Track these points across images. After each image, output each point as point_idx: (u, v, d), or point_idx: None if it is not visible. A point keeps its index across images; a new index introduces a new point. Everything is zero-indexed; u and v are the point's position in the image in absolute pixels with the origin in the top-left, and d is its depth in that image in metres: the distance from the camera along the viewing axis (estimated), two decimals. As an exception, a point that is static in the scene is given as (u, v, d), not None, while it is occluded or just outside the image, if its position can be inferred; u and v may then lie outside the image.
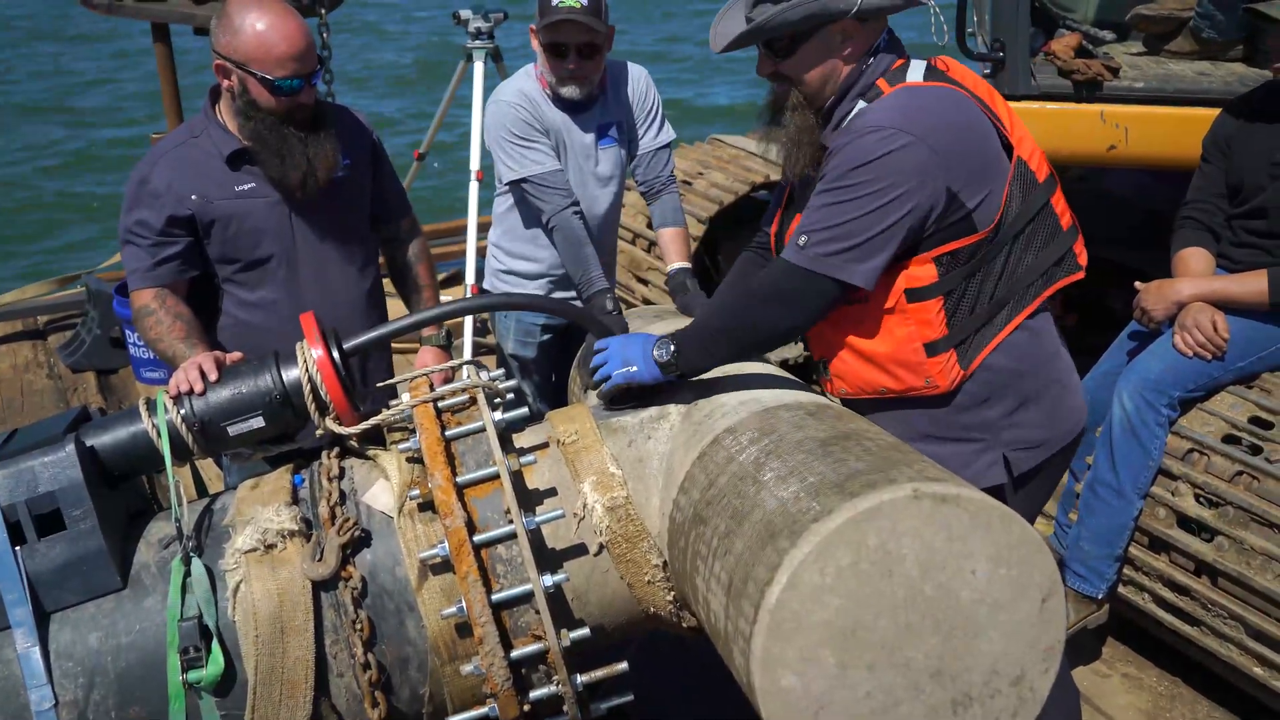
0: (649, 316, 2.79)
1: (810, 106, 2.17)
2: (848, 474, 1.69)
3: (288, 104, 2.46)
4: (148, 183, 2.51)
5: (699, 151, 5.45)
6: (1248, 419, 3.02)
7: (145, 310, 2.52)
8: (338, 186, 2.67)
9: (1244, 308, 2.98)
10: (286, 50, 2.41)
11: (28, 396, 5.12)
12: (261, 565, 1.95)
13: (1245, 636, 2.89)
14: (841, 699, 1.64)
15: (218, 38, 2.46)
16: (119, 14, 4.83)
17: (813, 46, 2.09)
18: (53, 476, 1.93)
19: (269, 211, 2.59)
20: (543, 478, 2.07)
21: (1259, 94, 3.15)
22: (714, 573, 1.77)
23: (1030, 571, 1.68)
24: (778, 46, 2.12)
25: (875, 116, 2.06)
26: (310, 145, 2.51)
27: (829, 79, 2.14)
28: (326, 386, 2.08)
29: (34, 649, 1.89)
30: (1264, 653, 2.86)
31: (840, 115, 2.17)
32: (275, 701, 1.89)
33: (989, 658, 1.69)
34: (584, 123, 3.18)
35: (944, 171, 2.02)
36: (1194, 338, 2.97)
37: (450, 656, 1.97)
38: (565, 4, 2.93)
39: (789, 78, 2.15)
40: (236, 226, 2.55)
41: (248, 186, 2.56)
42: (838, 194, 2.03)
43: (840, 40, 2.09)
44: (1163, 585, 3.07)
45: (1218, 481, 2.94)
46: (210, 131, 2.57)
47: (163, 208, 2.49)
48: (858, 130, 2.05)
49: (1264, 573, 2.80)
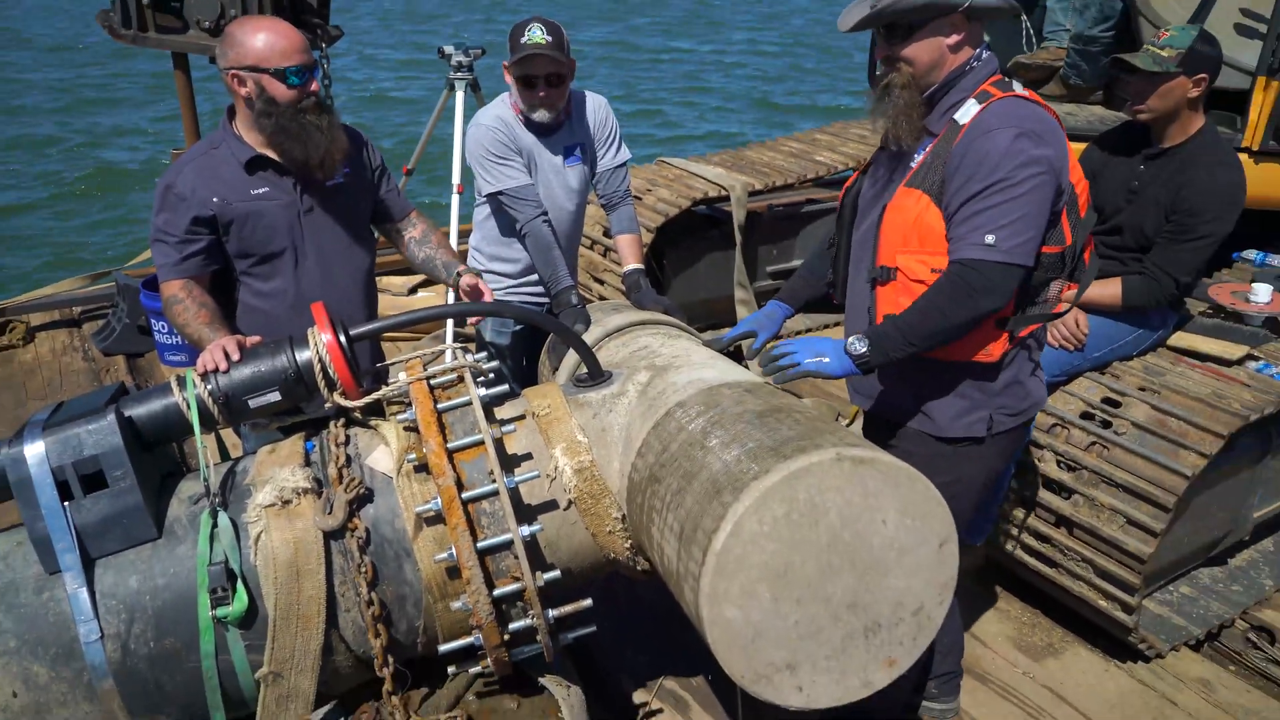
0: (607, 310, 2.79)
1: (916, 88, 2.14)
2: (781, 440, 1.71)
3: (300, 93, 2.43)
4: (174, 188, 2.46)
5: (648, 171, 5.44)
6: (1100, 399, 3.09)
7: (174, 299, 2.47)
8: (339, 190, 2.65)
9: (1101, 309, 3.05)
10: (289, 45, 2.41)
11: (66, 376, 5.01)
12: (279, 518, 1.93)
13: (1093, 575, 2.97)
14: (774, 627, 1.66)
15: (226, 56, 2.43)
16: (143, 44, 4.69)
17: (926, 34, 2.08)
18: (96, 442, 1.89)
19: (280, 212, 2.55)
20: (520, 444, 2.06)
21: (1118, 131, 3.20)
22: (668, 523, 1.78)
23: (931, 522, 1.71)
24: (896, 32, 2.11)
25: (1008, 120, 2.04)
26: (326, 128, 2.49)
27: (936, 66, 2.11)
28: (334, 366, 2.06)
29: (82, 590, 1.86)
30: (1107, 588, 2.95)
31: (946, 106, 2.15)
32: (292, 633, 1.88)
33: (895, 592, 1.72)
34: (552, 144, 3.17)
35: (1062, 177, 2.07)
36: (1060, 333, 3.05)
37: (441, 595, 1.96)
38: (533, 41, 2.92)
39: (903, 59, 2.12)
40: (252, 225, 2.51)
41: (262, 190, 2.52)
42: (1009, 191, 2.01)
43: (949, 32, 2.08)
44: (1029, 535, 3.14)
45: (1076, 450, 3.01)
46: (228, 143, 2.53)
47: (187, 210, 2.44)
48: (991, 129, 2.03)
49: (1110, 524, 2.87)
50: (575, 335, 2.25)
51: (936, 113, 2.17)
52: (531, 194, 3.08)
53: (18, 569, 1.92)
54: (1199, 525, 3.22)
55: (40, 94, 19.01)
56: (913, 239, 2.13)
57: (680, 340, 2.41)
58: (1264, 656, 3.15)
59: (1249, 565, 3.52)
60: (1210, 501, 3.18)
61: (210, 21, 4.44)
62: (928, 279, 2.11)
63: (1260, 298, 3.42)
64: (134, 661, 1.87)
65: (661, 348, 2.30)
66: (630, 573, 2.11)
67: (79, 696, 1.87)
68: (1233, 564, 3.50)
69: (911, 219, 2.12)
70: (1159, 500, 2.81)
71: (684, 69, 22.90)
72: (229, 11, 4.42)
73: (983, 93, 2.12)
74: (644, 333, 2.48)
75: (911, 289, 2.14)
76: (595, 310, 2.79)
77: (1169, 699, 2.98)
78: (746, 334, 2.57)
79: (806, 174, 5.31)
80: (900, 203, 2.14)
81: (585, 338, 2.48)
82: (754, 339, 2.56)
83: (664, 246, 5.04)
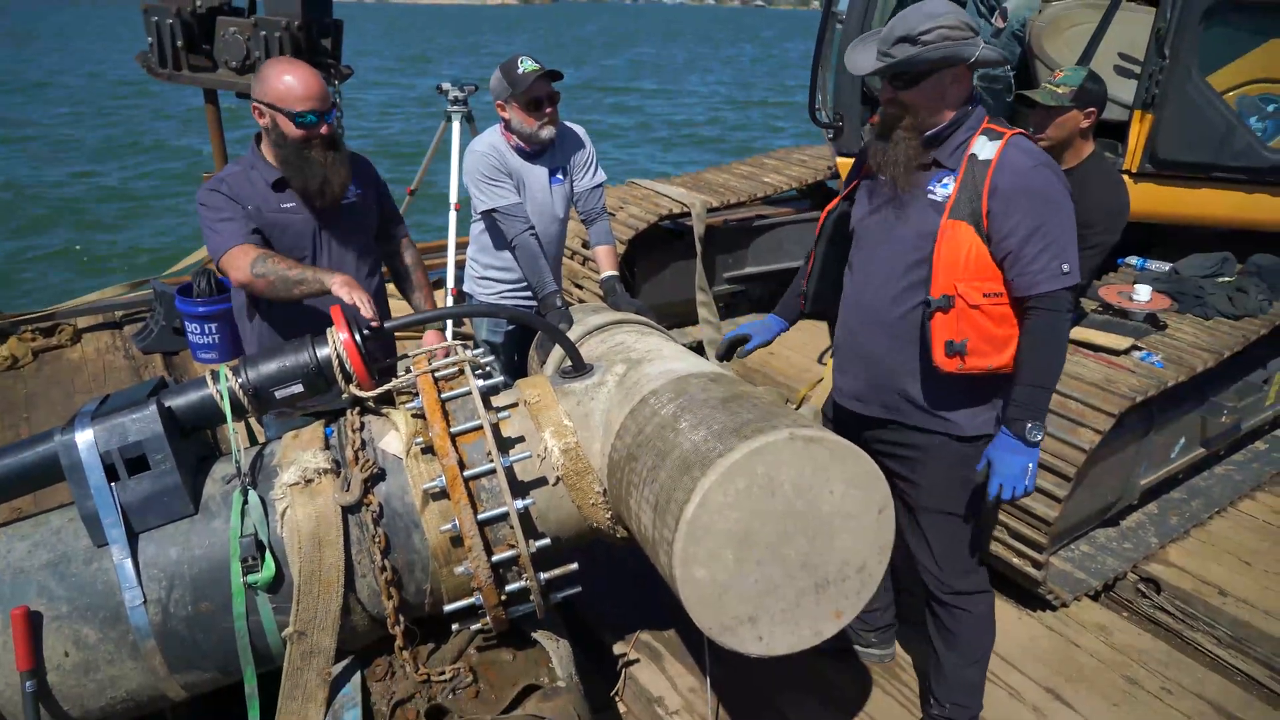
0: (588, 311, 2.77)
1: (917, 130, 2.05)
2: (742, 422, 1.70)
3: (307, 134, 2.40)
4: (220, 189, 2.43)
5: (620, 191, 5.42)
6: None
7: (258, 261, 2.31)
8: (351, 208, 2.62)
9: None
10: (303, 93, 2.37)
11: (109, 373, 4.91)
12: (302, 495, 1.89)
13: (1008, 536, 3.00)
14: (738, 585, 1.65)
15: (255, 88, 2.41)
16: (177, 81, 4.61)
17: (931, 83, 1.99)
18: (139, 429, 1.85)
19: (303, 225, 2.52)
20: (514, 428, 2.04)
21: None
22: (644, 496, 1.77)
23: (872, 492, 1.71)
24: (901, 79, 2.02)
25: (1036, 155, 2.00)
26: (327, 164, 2.45)
27: (936, 110, 2.03)
28: (350, 361, 2.03)
29: (127, 560, 1.82)
30: (1019, 547, 2.98)
31: (956, 143, 2.05)
32: (314, 596, 1.85)
33: (842, 553, 1.72)
34: (538, 167, 3.14)
35: None
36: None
37: (446, 561, 1.94)
38: (530, 69, 2.92)
39: (905, 105, 2.03)
40: (279, 234, 2.48)
41: (289, 205, 2.50)
42: (1062, 220, 1.98)
43: (950, 82, 2.00)
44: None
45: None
46: (257, 165, 2.50)
47: (235, 204, 2.42)
48: (1029, 166, 1.97)
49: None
50: (560, 333, 2.23)
51: (947, 148, 2.07)
52: (521, 211, 3.05)
53: (69, 542, 1.87)
54: (1095, 492, 3.26)
55: (86, 127, 18.68)
56: (969, 267, 2.02)
57: (652, 337, 2.39)
58: (1151, 604, 3.20)
59: (1137, 526, 3.57)
60: (1104, 472, 3.22)
61: (237, 62, 4.38)
62: (981, 303, 2.02)
63: (1141, 297, 3.47)
64: (173, 623, 1.83)
65: (636, 343, 2.29)
66: (611, 540, 2.10)
67: (124, 655, 1.83)
68: (1124, 525, 3.55)
69: (966, 249, 2.01)
70: (1061, 471, 2.83)
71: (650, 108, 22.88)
72: (254, 54, 4.35)
73: (989, 130, 2.04)
74: (620, 330, 2.46)
75: (969, 314, 2.03)
76: (577, 311, 2.77)
77: (1073, 642, 3.01)
78: (743, 337, 2.55)
79: (756, 193, 5.33)
80: (953, 235, 2.02)
81: (569, 335, 2.46)
82: (749, 341, 2.54)
83: (635, 256, 5.02)
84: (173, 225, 12.30)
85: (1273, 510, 3.80)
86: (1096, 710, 2.72)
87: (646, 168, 15.95)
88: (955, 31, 1.95)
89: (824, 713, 2.68)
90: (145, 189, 14.24)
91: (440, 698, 1.92)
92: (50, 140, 17.27)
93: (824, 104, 4.34)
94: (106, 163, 15.61)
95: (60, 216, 12.56)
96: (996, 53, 2.01)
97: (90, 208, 13.10)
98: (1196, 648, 3.01)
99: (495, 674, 2.00)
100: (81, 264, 10.66)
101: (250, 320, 2.62)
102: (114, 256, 10.99)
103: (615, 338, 2.39)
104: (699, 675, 2.79)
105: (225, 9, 4.50)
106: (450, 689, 1.94)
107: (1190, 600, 3.20)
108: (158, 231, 12.06)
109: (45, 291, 9.34)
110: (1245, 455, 4.12)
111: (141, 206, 13.27)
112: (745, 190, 5.30)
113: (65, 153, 16.21)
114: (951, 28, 1.95)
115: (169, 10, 4.34)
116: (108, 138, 17.65)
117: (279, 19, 4.24)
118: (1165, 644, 3.03)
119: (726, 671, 2.76)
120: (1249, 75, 3.61)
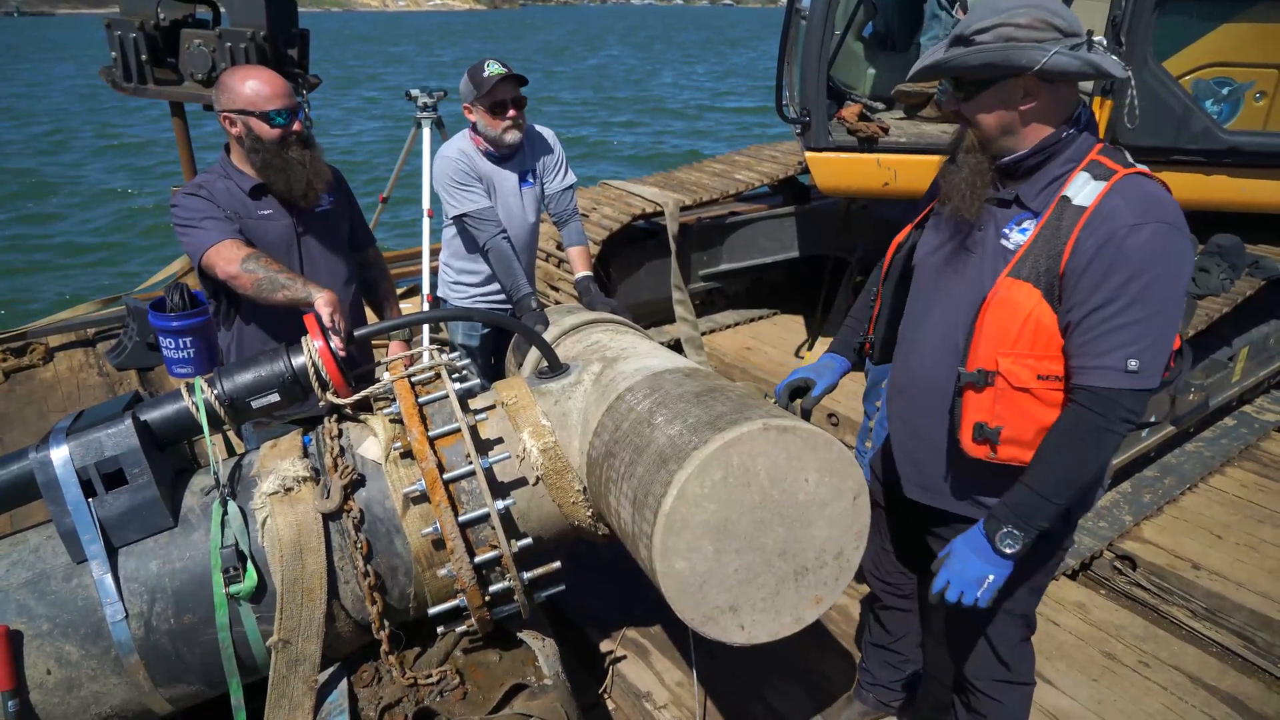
0: (563, 312, 2.78)
1: (984, 151, 1.72)
2: (716, 415, 1.71)
3: (282, 132, 2.41)
4: (199, 193, 2.41)
5: (593, 192, 5.42)
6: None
7: (249, 257, 2.30)
8: (326, 215, 2.64)
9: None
10: (272, 91, 2.38)
11: (83, 391, 4.86)
12: (282, 503, 1.89)
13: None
14: (717, 575, 1.67)
15: (220, 100, 2.41)
16: (142, 95, 4.57)
17: (992, 94, 1.65)
18: (115, 444, 1.84)
19: (282, 231, 2.53)
20: (492, 430, 2.05)
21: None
22: (623, 491, 1.78)
23: (846, 479, 1.73)
24: (962, 88, 1.70)
25: (1151, 210, 1.55)
26: (307, 163, 2.46)
27: (1006, 129, 1.67)
28: (326, 369, 2.03)
29: (107, 575, 1.81)
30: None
31: (1048, 179, 1.68)
32: (298, 604, 1.84)
33: (819, 540, 1.74)
34: (508, 170, 3.14)
35: None
36: None
37: (429, 564, 1.94)
38: (495, 72, 2.93)
39: (967, 119, 1.72)
40: (258, 240, 2.47)
41: (266, 212, 2.50)
42: (1156, 303, 1.54)
43: (1021, 95, 1.64)
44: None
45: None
46: (231, 174, 2.50)
47: (216, 207, 2.41)
48: (1132, 222, 1.54)
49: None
50: (536, 334, 2.24)
51: (1033, 185, 1.69)
52: (492, 215, 3.06)
53: (48, 560, 1.86)
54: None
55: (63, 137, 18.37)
56: (1023, 340, 1.64)
57: (627, 335, 2.41)
58: (1128, 580, 3.25)
59: (1112, 505, 3.62)
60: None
61: (202, 74, 4.34)
62: (1033, 386, 1.64)
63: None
64: (156, 637, 1.83)
65: (611, 342, 2.30)
66: (592, 537, 2.11)
67: (107, 671, 1.82)
68: (1099, 504, 3.61)
69: (1023, 316, 1.63)
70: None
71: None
72: (220, 65, 4.32)
73: (1095, 164, 1.64)
74: (595, 330, 2.48)
75: (1011, 397, 1.66)
76: (552, 313, 2.78)
77: (1052, 620, 3.06)
78: (805, 381, 2.17)
79: (729, 190, 5.35)
80: (1008, 297, 1.65)
81: (545, 336, 2.47)
82: (812, 387, 2.16)
83: (609, 256, 5.04)
84: (144, 241, 12.17)
85: (1242, 485, 3.88)
86: (1077, 685, 2.76)
87: (617, 170, 15.95)
88: (1023, 31, 1.59)
89: (810, 702, 2.71)
90: (118, 209, 14.05)
91: (428, 701, 1.93)
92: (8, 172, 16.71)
93: (791, 99, 4.37)
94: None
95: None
96: (1074, 61, 1.58)
97: (58, 223, 12.92)
98: (1173, 621, 3.06)
99: (482, 675, 2.01)
100: (54, 283, 10.51)
101: (229, 329, 2.62)
102: (86, 273, 10.85)
103: (591, 337, 2.41)
104: (686, 669, 2.80)
105: (189, 21, 4.47)
106: (438, 691, 1.95)
107: (1165, 575, 3.26)
108: (129, 247, 11.91)
109: (14, 310, 9.23)
110: (1214, 431, 4.19)
111: (115, 226, 13.11)
112: (717, 188, 5.33)
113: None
114: (1019, 26, 1.59)
115: (132, 24, 4.31)
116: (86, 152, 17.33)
117: (244, 30, 4.22)
118: (1142, 619, 3.08)
119: (713, 664, 2.78)
120: (1204, 59, 3.67)
